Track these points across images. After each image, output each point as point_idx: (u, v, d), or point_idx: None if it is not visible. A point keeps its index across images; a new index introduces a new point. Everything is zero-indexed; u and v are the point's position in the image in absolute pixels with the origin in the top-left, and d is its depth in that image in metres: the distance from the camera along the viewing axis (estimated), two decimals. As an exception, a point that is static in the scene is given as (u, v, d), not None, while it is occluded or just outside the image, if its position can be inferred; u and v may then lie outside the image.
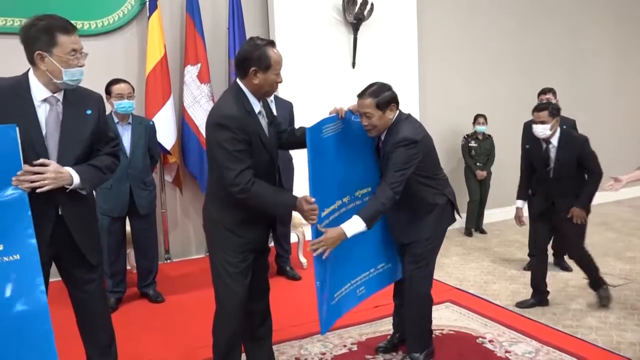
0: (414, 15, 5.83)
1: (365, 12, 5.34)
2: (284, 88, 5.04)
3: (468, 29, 6.42)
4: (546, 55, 7.04)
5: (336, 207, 2.57)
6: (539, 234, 3.89)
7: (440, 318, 3.46)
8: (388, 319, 3.43)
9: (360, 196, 2.76)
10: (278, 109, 4.11)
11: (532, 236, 4.35)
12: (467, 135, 6.04)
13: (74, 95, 2.19)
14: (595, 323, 3.58)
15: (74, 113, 2.18)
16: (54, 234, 2.14)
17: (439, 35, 6.22)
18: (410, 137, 2.57)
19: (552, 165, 3.69)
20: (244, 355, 2.66)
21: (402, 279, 2.93)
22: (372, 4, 5.35)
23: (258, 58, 2.30)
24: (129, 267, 4.09)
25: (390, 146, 2.60)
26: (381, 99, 2.60)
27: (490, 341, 3.15)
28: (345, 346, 3.14)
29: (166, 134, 4.60)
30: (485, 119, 5.90)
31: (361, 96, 2.65)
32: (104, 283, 2.42)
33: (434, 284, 2.91)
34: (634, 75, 7.98)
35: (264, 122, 2.43)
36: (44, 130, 2.11)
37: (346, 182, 2.66)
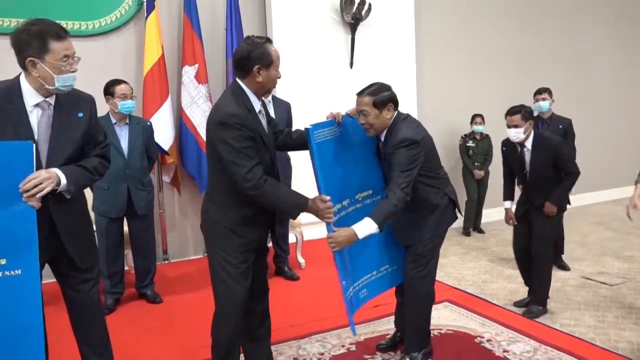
0: (412, 15, 5.84)
1: (363, 12, 5.34)
2: (282, 88, 5.05)
3: (466, 29, 6.42)
4: (544, 54, 7.05)
5: (336, 210, 2.58)
6: (517, 235, 3.85)
7: (439, 318, 3.46)
8: (387, 319, 3.44)
9: (360, 199, 2.76)
10: (276, 109, 4.11)
11: None
12: (465, 135, 6.05)
13: (66, 98, 2.17)
14: (593, 322, 3.59)
15: (65, 116, 2.16)
16: (48, 241, 2.12)
17: (436, 35, 6.23)
18: (410, 138, 2.58)
19: (528, 169, 3.67)
20: (242, 356, 2.66)
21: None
22: (369, 4, 5.36)
23: (260, 56, 2.30)
24: (126, 268, 4.09)
25: (391, 147, 2.61)
26: (379, 97, 2.62)
27: (488, 340, 3.15)
28: (343, 346, 3.14)
29: (164, 134, 4.59)
30: (483, 119, 5.91)
31: (360, 94, 2.68)
32: (98, 283, 2.41)
33: (432, 283, 2.91)
34: (633, 74, 8.00)
35: (264, 121, 2.43)
36: (36, 135, 2.09)
37: (346, 185, 2.67)
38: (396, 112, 2.69)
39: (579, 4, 7.33)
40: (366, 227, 2.43)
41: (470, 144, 5.97)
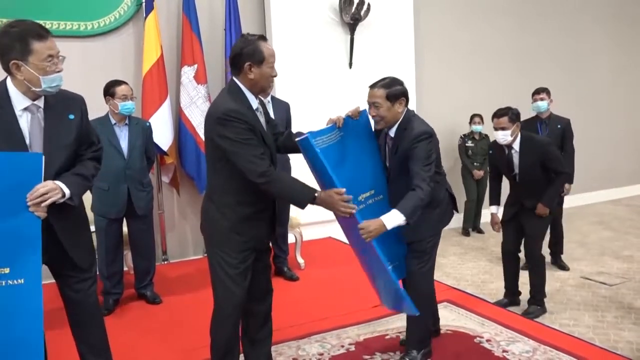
0: (411, 15, 5.84)
1: (362, 13, 5.34)
2: (281, 88, 5.06)
3: (465, 29, 6.43)
4: (543, 54, 7.05)
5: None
6: (506, 235, 3.83)
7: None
8: (386, 319, 3.44)
9: (363, 200, 2.76)
10: (275, 109, 4.10)
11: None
12: (464, 135, 6.05)
13: (55, 99, 2.14)
14: (592, 322, 3.59)
15: (57, 119, 2.13)
16: (46, 242, 2.11)
17: (435, 35, 6.23)
18: (428, 131, 2.65)
19: (517, 171, 3.65)
20: (242, 356, 2.66)
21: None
22: (368, 4, 5.36)
23: (251, 53, 2.30)
24: (126, 269, 4.08)
25: (410, 142, 2.62)
26: (392, 90, 2.66)
27: (487, 340, 3.15)
28: (343, 346, 3.13)
29: (163, 135, 4.59)
30: (482, 119, 5.91)
31: (373, 87, 2.71)
32: (96, 283, 2.40)
33: (431, 283, 2.92)
34: (632, 73, 8.01)
35: (262, 120, 2.43)
36: (27, 139, 2.07)
37: (350, 187, 2.67)
38: (407, 107, 2.73)
39: (578, 3, 7.34)
40: (394, 218, 2.45)
41: (469, 144, 5.98)
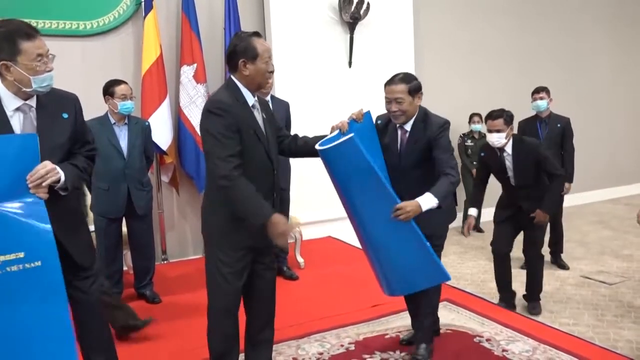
0: (410, 14, 5.83)
1: (362, 12, 5.34)
2: (280, 88, 5.05)
3: (464, 28, 6.42)
4: (543, 53, 7.05)
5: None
6: (499, 236, 3.76)
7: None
8: (386, 318, 3.44)
9: None
10: (275, 109, 4.09)
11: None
12: (464, 134, 6.05)
13: (47, 99, 2.11)
14: (592, 321, 3.59)
15: (50, 119, 2.11)
16: None
17: (435, 34, 6.23)
18: (447, 121, 2.76)
19: (511, 174, 3.62)
20: (242, 356, 2.65)
21: None
22: (368, 4, 5.35)
23: (244, 49, 2.31)
24: (125, 268, 4.08)
25: (435, 130, 2.70)
26: (412, 85, 2.70)
27: (487, 340, 3.15)
28: (342, 346, 3.13)
29: (162, 134, 4.59)
30: (481, 118, 5.88)
31: (391, 83, 2.72)
32: (98, 281, 2.40)
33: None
34: (632, 73, 8.01)
35: (259, 117, 2.41)
36: None
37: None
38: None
39: (578, 3, 7.34)
40: (429, 200, 2.50)
41: (469, 143, 5.98)
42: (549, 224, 4.09)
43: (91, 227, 2.47)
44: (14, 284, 1.93)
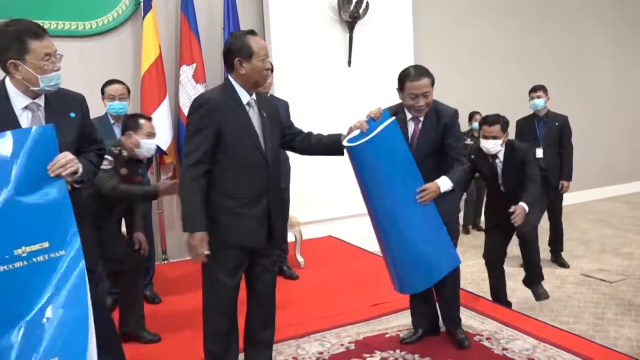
0: (410, 13, 5.83)
1: (361, 11, 5.33)
2: (280, 87, 5.05)
3: (464, 27, 6.42)
4: (543, 53, 7.06)
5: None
6: (491, 246, 3.66)
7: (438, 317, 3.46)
8: (386, 318, 3.44)
9: None
10: (274, 108, 4.10)
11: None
12: (463, 133, 6.04)
13: (55, 98, 2.14)
14: (592, 319, 3.59)
15: (58, 117, 2.12)
16: None
17: (434, 33, 6.23)
18: (456, 109, 2.88)
19: (501, 181, 3.52)
20: (241, 356, 2.65)
21: None
22: (367, 3, 5.35)
23: (240, 48, 2.32)
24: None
25: (450, 118, 2.83)
26: (433, 78, 2.80)
27: (487, 338, 3.15)
28: (342, 345, 3.13)
29: (162, 134, 4.56)
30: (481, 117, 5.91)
31: (418, 79, 2.75)
32: (102, 282, 2.41)
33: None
34: (632, 73, 8.02)
35: (253, 114, 2.40)
36: None
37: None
38: None
39: (578, 3, 7.33)
40: (445, 183, 2.63)
41: (469, 141, 5.97)
42: (548, 223, 4.07)
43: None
44: (40, 274, 1.97)
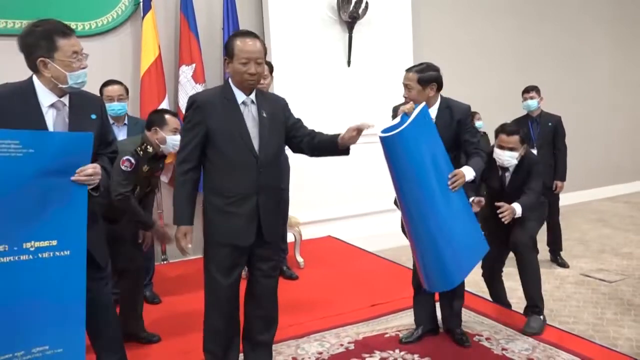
0: (409, 13, 5.83)
1: (360, 11, 5.33)
2: (279, 87, 5.04)
3: (463, 27, 6.42)
4: (543, 53, 7.06)
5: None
6: (487, 254, 3.27)
7: (437, 316, 3.46)
8: (385, 318, 3.44)
9: None
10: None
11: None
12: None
13: (78, 99, 2.19)
14: (592, 319, 3.59)
15: (80, 118, 2.17)
16: None
17: (434, 33, 6.22)
18: (469, 105, 2.93)
19: (506, 190, 3.33)
20: (241, 356, 2.66)
21: None
22: (366, 3, 5.35)
23: (227, 47, 2.39)
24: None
25: (463, 113, 2.90)
26: (424, 75, 2.79)
27: (487, 339, 3.15)
28: (342, 345, 3.13)
29: (162, 134, 4.58)
30: (480, 117, 5.91)
31: (409, 70, 2.85)
32: (110, 282, 2.44)
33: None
34: (631, 73, 8.02)
35: (248, 114, 2.41)
36: None
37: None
38: (439, 93, 2.88)
39: (578, 3, 7.33)
40: (469, 172, 2.69)
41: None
42: (545, 223, 4.03)
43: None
44: (42, 269, 2.02)
